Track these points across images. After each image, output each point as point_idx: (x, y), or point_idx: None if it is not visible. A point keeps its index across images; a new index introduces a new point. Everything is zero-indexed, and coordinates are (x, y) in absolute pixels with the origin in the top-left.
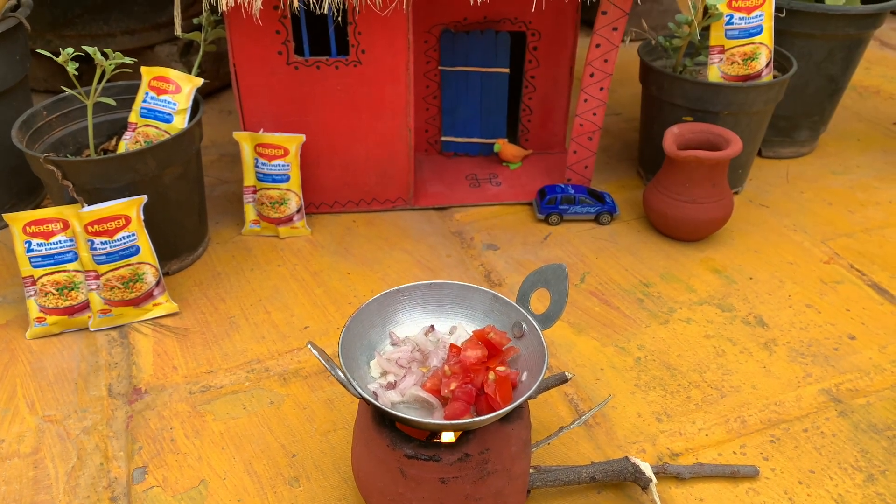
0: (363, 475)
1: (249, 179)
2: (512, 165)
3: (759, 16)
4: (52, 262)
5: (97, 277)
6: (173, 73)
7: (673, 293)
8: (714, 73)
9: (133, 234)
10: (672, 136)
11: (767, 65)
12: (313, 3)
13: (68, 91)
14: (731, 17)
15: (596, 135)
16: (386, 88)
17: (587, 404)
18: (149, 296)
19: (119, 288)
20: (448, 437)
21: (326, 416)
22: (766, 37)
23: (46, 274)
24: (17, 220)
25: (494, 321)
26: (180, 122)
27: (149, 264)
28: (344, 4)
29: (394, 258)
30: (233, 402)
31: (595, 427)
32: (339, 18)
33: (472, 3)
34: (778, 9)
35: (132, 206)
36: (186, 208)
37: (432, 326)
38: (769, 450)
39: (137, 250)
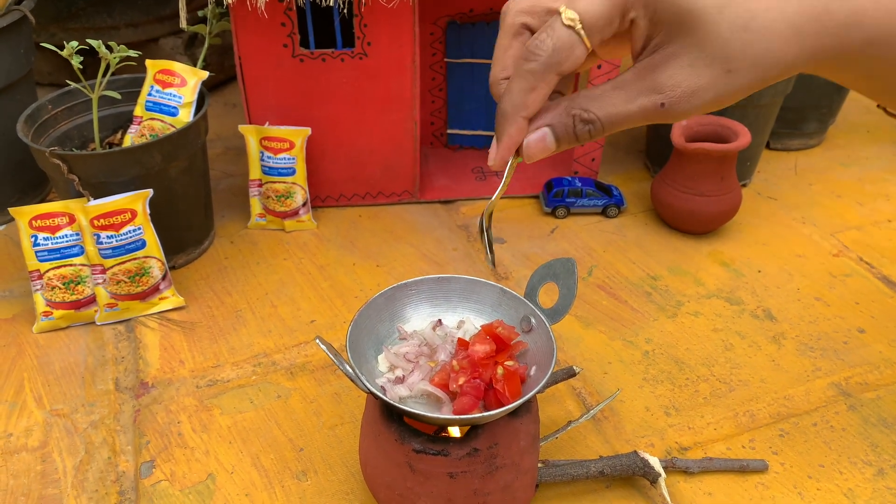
0: (371, 469)
1: (255, 173)
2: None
3: None
4: (59, 256)
5: (103, 271)
6: (178, 66)
7: (681, 286)
8: None
9: (139, 228)
10: (680, 129)
11: None
12: None
13: (73, 85)
14: None
15: None
16: (392, 81)
17: (595, 398)
18: (155, 290)
19: (125, 282)
20: (456, 431)
21: (334, 410)
22: None
23: (53, 268)
24: (24, 214)
25: (503, 315)
26: (186, 116)
27: (155, 258)
28: None
29: (400, 252)
30: (240, 396)
31: (603, 421)
32: (345, 10)
33: None
34: None
35: (138, 200)
36: (192, 202)
37: (440, 320)
38: (778, 444)
39: (143, 244)
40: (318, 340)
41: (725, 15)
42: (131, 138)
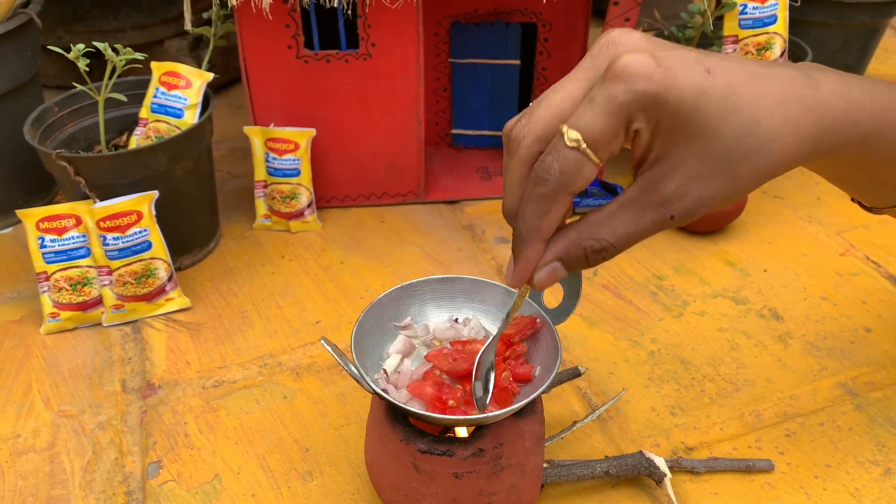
0: (376, 470)
1: (260, 174)
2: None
3: (774, 5)
4: (66, 257)
5: (110, 273)
6: (183, 68)
7: (686, 286)
8: None
9: (145, 230)
10: None
11: (782, 55)
12: None
13: (79, 87)
14: (745, 6)
15: None
16: (396, 81)
17: (601, 398)
18: (161, 291)
19: (131, 283)
20: (462, 432)
21: (339, 411)
22: (781, 26)
23: (60, 270)
24: (30, 216)
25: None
26: (191, 117)
27: (161, 259)
28: None
29: (404, 252)
30: (246, 396)
31: (609, 421)
32: (349, 11)
33: None
34: None
35: (144, 202)
36: (198, 203)
37: (456, 319)
38: (784, 444)
39: (149, 245)
40: (323, 341)
41: (728, 122)
42: (137, 140)
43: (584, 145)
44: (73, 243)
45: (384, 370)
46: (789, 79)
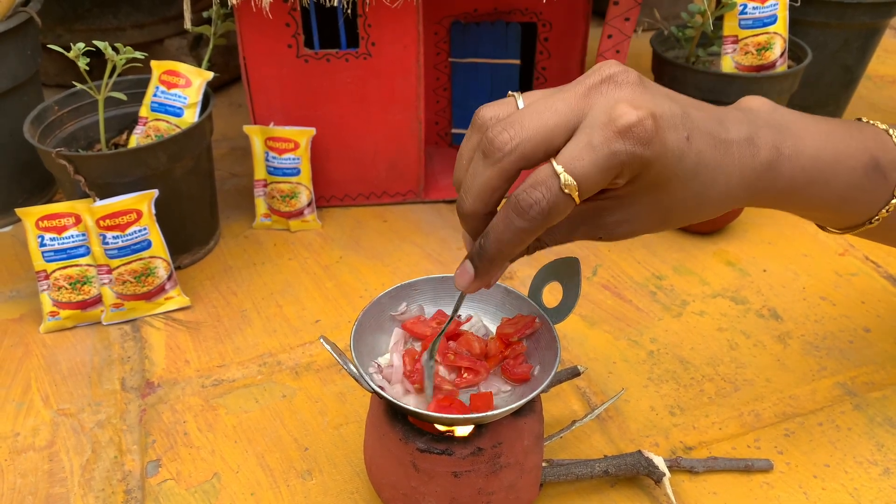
0: (375, 468)
1: (260, 173)
2: None
3: (774, 5)
4: (65, 256)
5: (109, 272)
6: (183, 67)
7: (686, 286)
8: (727, 64)
9: (145, 229)
10: None
11: (782, 55)
12: None
13: (79, 86)
14: (745, 6)
15: None
16: (396, 81)
17: (600, 398)
18: (161, 290)
19: (131, 282)
20: (461, 430)
21: (338, 410)
22: (781, 26)
23: (59, 268)
24: (30, 214)
25: (507, 314)
26: (191, 116)
27: (160, 258)
28: None
29: (404, 251)
30: (245, 395)
31: (608, 421)
32: (349, 10)
33: None
34: None
35: (143, 201)
36: (198, 202)
37: (460, 315)
38: (783, 443)
39: (149, 244)
40: (322, 340)
41: (688, 185)
42: (137, 139)
43: (576, 194)
44: (73, 242)
45: (376, 363)
46: (738, 148)
